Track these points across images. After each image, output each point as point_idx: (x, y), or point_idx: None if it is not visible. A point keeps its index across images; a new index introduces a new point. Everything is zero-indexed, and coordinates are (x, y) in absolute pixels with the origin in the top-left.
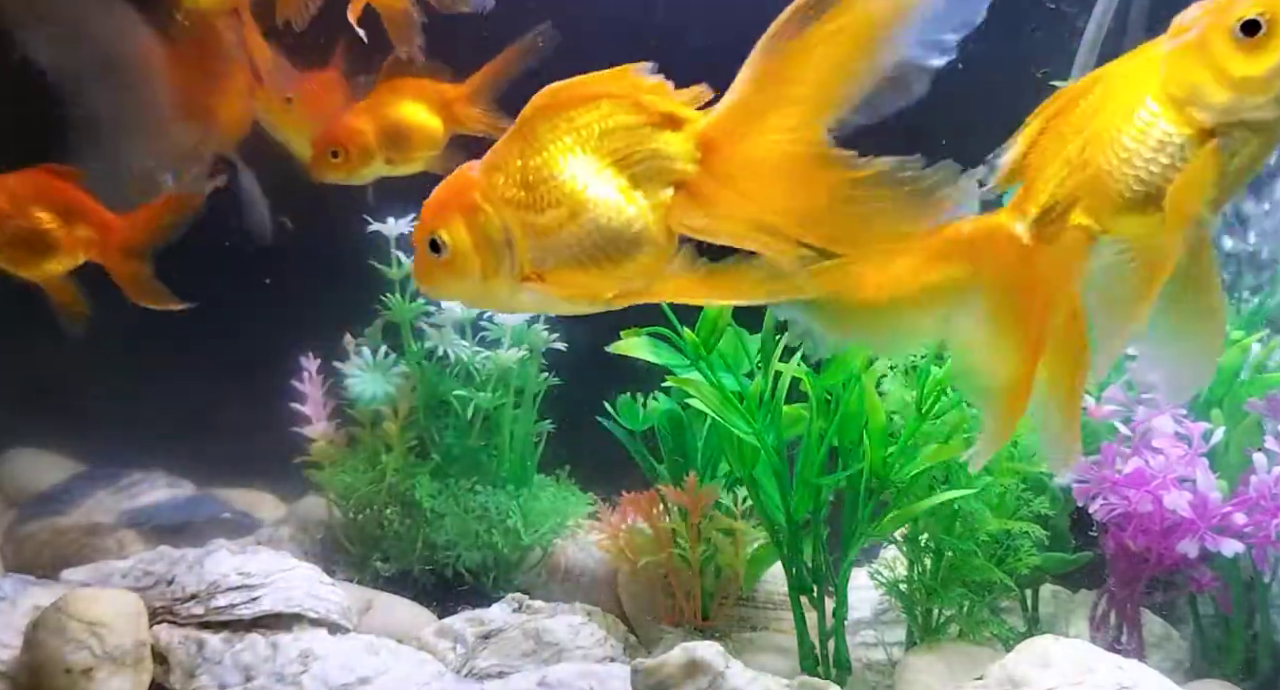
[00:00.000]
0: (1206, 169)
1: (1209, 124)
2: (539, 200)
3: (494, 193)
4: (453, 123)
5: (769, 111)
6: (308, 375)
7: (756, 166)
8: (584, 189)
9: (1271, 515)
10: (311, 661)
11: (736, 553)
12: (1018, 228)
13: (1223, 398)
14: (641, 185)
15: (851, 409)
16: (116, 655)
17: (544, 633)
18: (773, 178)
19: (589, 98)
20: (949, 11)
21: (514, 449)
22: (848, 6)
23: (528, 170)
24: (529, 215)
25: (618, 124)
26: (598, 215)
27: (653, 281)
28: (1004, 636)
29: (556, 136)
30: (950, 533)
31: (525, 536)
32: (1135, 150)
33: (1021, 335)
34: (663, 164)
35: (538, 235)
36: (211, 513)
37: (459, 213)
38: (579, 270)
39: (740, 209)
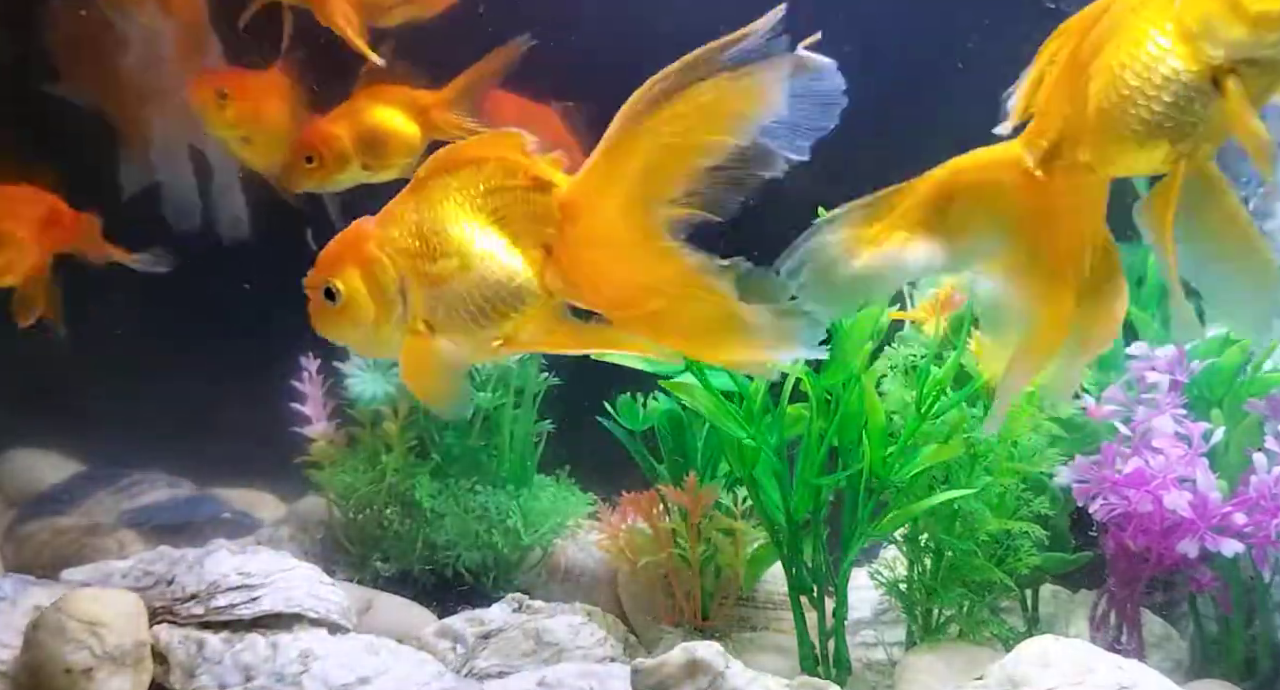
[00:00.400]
0: (1243, 104)
1: (1219, 61)
2: (431, 251)
3: (389, 244)
4: (430, 129)
5: (616, 185)
6: (308, 375)
7: (601, 238)
8: (472, 242)
9: (1271, 515)
10: (311, 661)
11: (736, 553)
12: (1029, 159)
13: (1223, 398)
14: (520, 242)
15: (851, 409)
16: (116, 655)
17: (544, 633)
18: (613, 252)
19: (476, 159)
20: (802, 115)
21: (514, 449)
22: (696, 94)
23: (422, 224)
24: (423, 265)
25: (499, 185)
26: (485, 267)
27: (535, 333)
28: (1004, 636)
29: (447, 194)
30: (950, 533)
31: (525, 536)
32: (1139, 87)
33: (1044, 269)
34: (534, 225)
35: (430, 285)
36: (211, 513)
37: (354, 263)
38: (467, 319)
39: (589, 276)
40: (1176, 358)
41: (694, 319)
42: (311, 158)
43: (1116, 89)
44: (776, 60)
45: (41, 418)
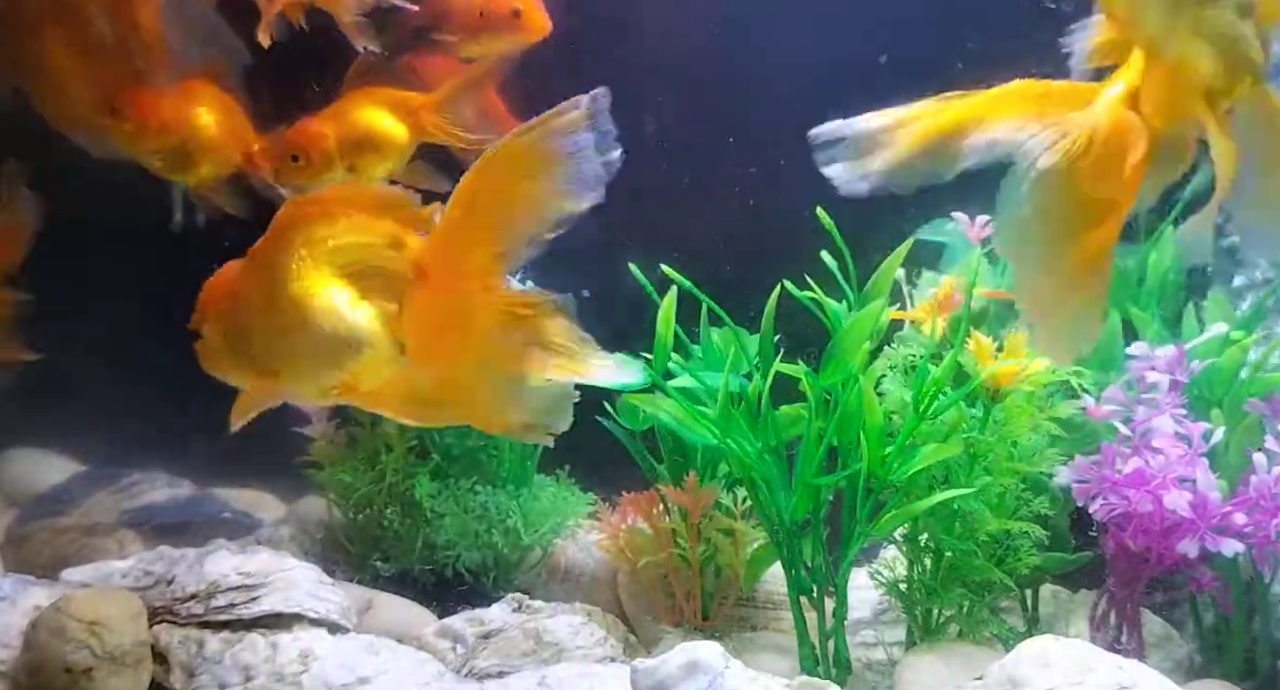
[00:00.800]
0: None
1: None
2: (273, 306)
3: (241, 294)
4: (418, 132)
5: (461, 246)
6: None
7: (446, 298)
8: (310, 297)
9: (1271, 515)
10: (311, 661)
11: (736, 553)
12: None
13: (1223, 398)
14: (370, 296)
15: (850, 409)
16: (116, 655)
17: (544, 633)
18: (455, 314)
19: (328, 214)
20: (591, 164)
21: (514, 449)
22: (504, 147)
23: (267, 277)
24: (264, 319)
25: (350, 241)
26: (321, 322)
27: (379, 381)
28: (1004, 636)
29: (294, 249)
30: (950, 533)
31: (525, 536)
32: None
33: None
34: (387, 281)
35: (271, 338)
36: (211, 513)
37: (212, 310)
38: (305, 368)
39: (438, 334)
40: (1176, 358)
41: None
42: (297, 157)
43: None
44: (574, 119)
45: (41, 418)
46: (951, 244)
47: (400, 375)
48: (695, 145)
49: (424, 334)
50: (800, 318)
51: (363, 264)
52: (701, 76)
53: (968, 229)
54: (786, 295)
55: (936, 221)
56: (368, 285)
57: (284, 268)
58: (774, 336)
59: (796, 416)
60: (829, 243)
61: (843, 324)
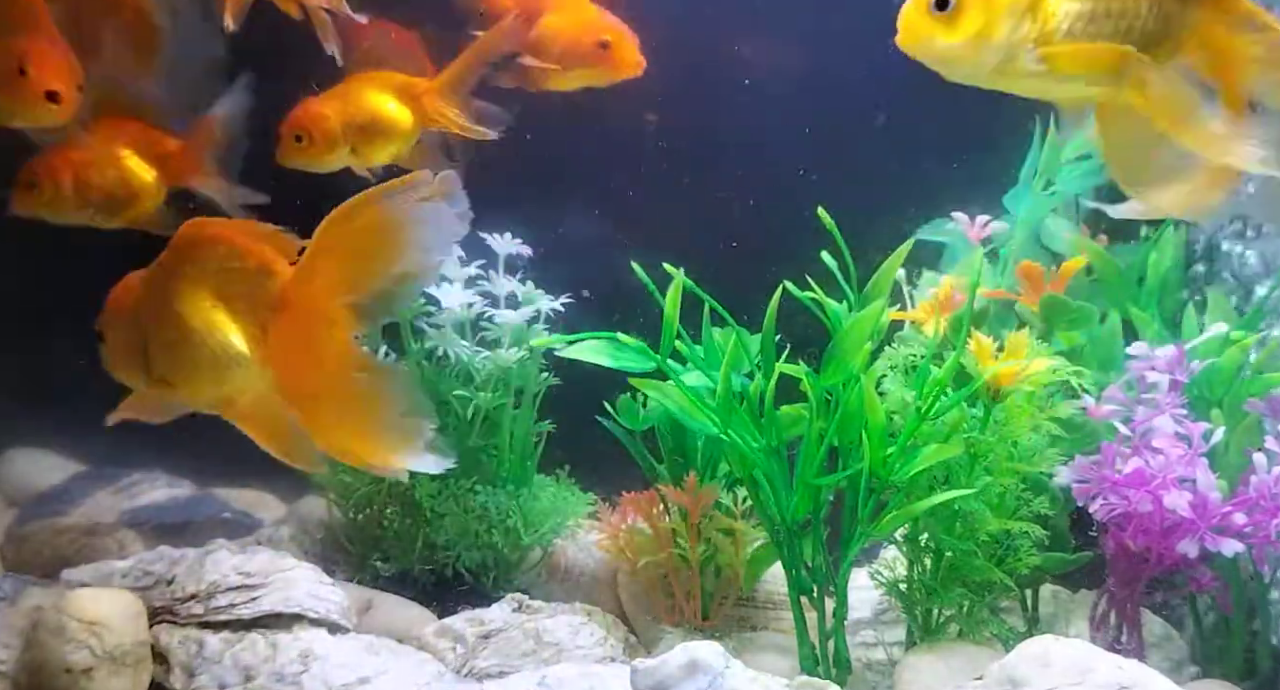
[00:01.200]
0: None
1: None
2: (161, 319)
3: (138, 304)
4: (423, 117)
5: (319, 283)
6: None
7: (303, 327)
8: (193, 315)
9: (1271, 515)
10: (311, 661)
11: (736, 553)
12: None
13: (1223, 398)
14: (241, 320)
15: (851, 409)
16: (116, 655)
17: (544, 633)
18: (310, 348)
19: (214, 238)
20: (440, 230)
21: (514, 449)
22: (364, 208)
23: (160, 290)
24: (154, 330)
25: (228, 265)
26: (201, 339)
27: (249, 402)
28: (1004, 636)
29: (183, 268)
30: (950, 533)
31: (525, 536)
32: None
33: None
34: (257, 306)
35: (160, 348)
36: (211, 513)
37: (111, 319)
38: (190, 380)
39: (294, 365)
40: (1176, 358)
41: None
42: (300, 137)
43: None
44: (423, 189)
45: (41, 418)
46: (951, 244)
47: (270, 398)
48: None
49: (282, 362)
50: (800, 318)
51: (236, 288)
52: (705, 74)
53: (968, 229)
54: (787, 295)
55: (936, 221)
56: (240, 308)
57: (173, 284)
58: (775, 336)
59: (797, 416)
60: (829, 243)
61: (843, 324)
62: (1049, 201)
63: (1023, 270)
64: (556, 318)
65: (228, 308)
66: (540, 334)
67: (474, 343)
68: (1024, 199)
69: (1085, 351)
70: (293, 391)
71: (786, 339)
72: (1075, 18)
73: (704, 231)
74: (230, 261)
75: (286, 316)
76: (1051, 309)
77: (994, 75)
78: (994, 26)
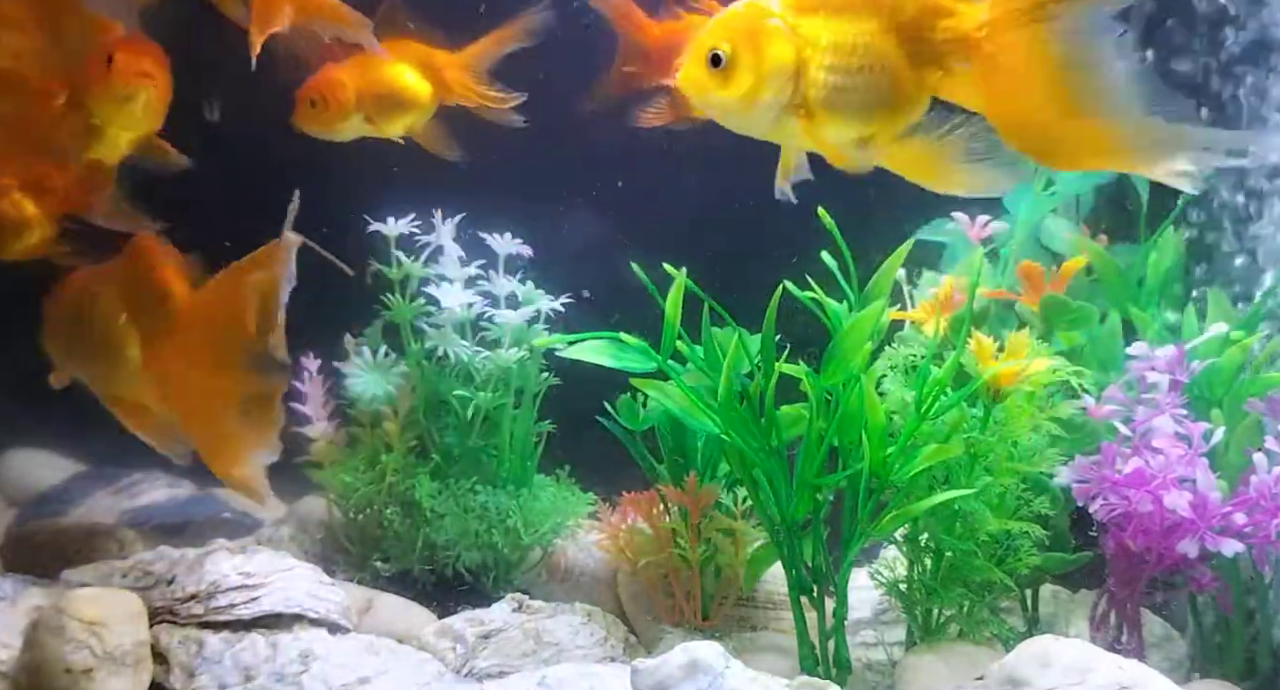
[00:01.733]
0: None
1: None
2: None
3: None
4: (443, 91)
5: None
6: (308, 375)
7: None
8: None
9: (1271, 515)
10: (311, 661)
11: (736, 553)
12: None
13: (1223, 398)
14: (138, 332)
15: (851, 409)
16: (116, 655)
17: (544, 633)
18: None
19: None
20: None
21: (514, 449)
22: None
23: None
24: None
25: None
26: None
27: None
28: (1004, 636)
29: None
30: (950, 533)
31: (525, 536)
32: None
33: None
34: (152, 322)
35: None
36: (211, 513)
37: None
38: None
39: (177, 382)
40: (1176, 358)
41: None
42: (315, 102)
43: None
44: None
45: (41, 418)
46: (951, 244)
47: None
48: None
49: (167, 377)
50: (800, 318)
51: (143, 303)
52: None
53: (968, 229)
54: (787, 295)
55: (936, 221)
56: (141, 321)
57: (103, 287)
58: (775, 336)
59: (797, 416)
60: (829, 243)
61: (844, 324)
62: (1049, 201)
63: (1023, 270)
64: (556, 318)
65: (132, 318)
66: (540, 334)
67: (474, 343)
68: (1024, 199)
69: (1085, 351)
70: (176, 402)
71: (786, 339)
72: (831, 87)
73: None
74: (142, 276)
75: (178, 341)
76: (1051, 309)
77: (769, 130)
78: (762, 88)
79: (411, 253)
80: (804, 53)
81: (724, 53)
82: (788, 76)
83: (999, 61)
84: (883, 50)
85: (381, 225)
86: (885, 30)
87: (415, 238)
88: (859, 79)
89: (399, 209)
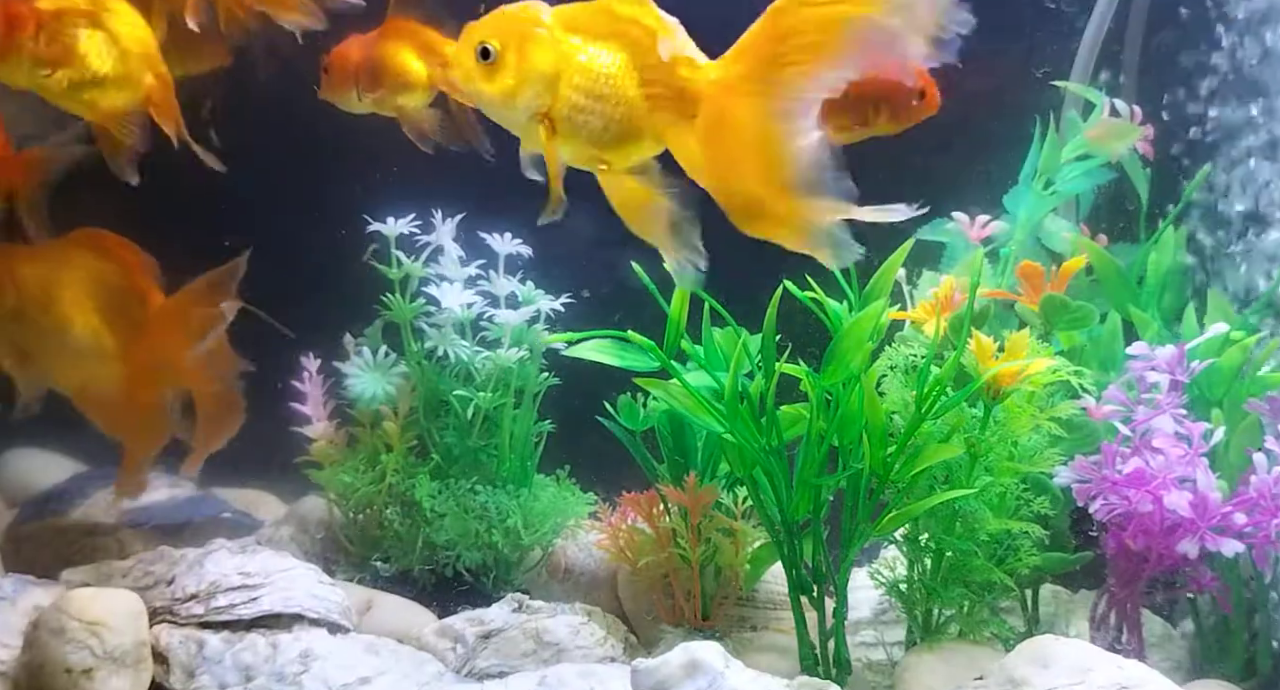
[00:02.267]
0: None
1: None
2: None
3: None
4: (440, 79)
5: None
6: (308, 375)
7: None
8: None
9: (1271, 515)
10: (311, 661)
11: (736, 553)
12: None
13: (1223, 398)
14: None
15: (851, 409)
16: (116, 655)
17: (544, 633)
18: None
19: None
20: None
21: (514, 449)
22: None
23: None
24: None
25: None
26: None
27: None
28: (1004, 636)
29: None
30: (950, 533)
31: (525, 536)
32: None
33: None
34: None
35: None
36: (211, 513)
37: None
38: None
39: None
40: (1176, 358)
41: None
42: (326, 70)
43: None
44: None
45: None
46: (951, 244)
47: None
48: None
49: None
50: (800, 318)
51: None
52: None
53: (968, 229)
54: (787, 295)
55: (936, 221)
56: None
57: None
58: (775, 336)
59: (798, 416)
60: None
61: (843, 324)
62: (1049, 201)
63: (1023, 270)
64: (556, 318)
65: (99, 313)
66: (540, 334)
67: (474, 343)
68: (1024, 199)
69: (1085, 351)
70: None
71: (786, 339)
72: (575, 108)
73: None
74: (117, 280)
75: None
76: (1051, 309)
77: (521, 129)
78: (521, 91)
79: (411, 253)
80: (560, 67)
81: (493, 48)
82: (544, 86)
83: (721, 120)
84: (625, 85)
85: (381, 225)
86: (632, 67)
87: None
88: (599, 106)
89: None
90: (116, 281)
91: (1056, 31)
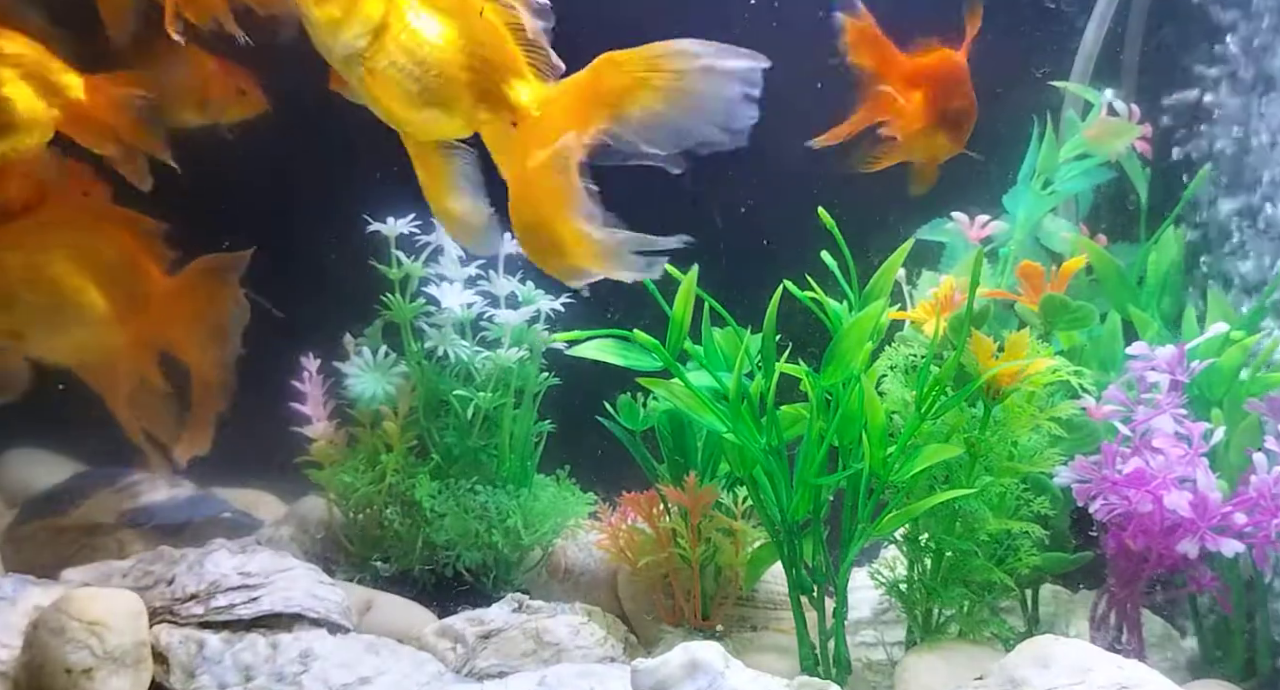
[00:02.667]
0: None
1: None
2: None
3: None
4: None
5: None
6: (308, 375)
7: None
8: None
9: (1271, 515)
10: (311, 661)
11: (736, 553)
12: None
13: (1223, 398)
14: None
15: (851, 409)
16: (116, 655)
17: (544, 633)
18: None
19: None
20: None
21: (514, 449)
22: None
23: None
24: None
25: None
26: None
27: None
28: (1004, 636)
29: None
30: (950, 533)
31: (525, 536)
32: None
33: None
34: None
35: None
36: (211, 513)
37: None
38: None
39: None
40: (1176, 358)
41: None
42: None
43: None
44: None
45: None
46: (951, 244)
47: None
48: None
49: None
50: (800, 318)
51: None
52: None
53: (968, 229)
54: (787, 295)
55: (936, 221)
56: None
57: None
58: (775, 336)
59: (797, 416)
60: (829, 243)
61: (843, 324)
62: (1049, 201)
63: (1023, 270)
64: (556, 317)
65: (98, 286)
66: (540, 334)
67: (474, 343)
68: (1023, 199)
69: (1085, 351)
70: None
71: (786, 339)
72: (393, 64)
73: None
74: (115, 256)
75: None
76: (1051, 309)
77: (340, 64)
78: (345, 26)
79: (412, 253)
80: (389, 20)
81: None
82: (368, 30)
83: (534, 141)
84: (449, 61)
85: (381, 225)
86: (462, 51)
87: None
88: (417, 71)
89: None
90: (109, 253)
91: (1057, 31)
